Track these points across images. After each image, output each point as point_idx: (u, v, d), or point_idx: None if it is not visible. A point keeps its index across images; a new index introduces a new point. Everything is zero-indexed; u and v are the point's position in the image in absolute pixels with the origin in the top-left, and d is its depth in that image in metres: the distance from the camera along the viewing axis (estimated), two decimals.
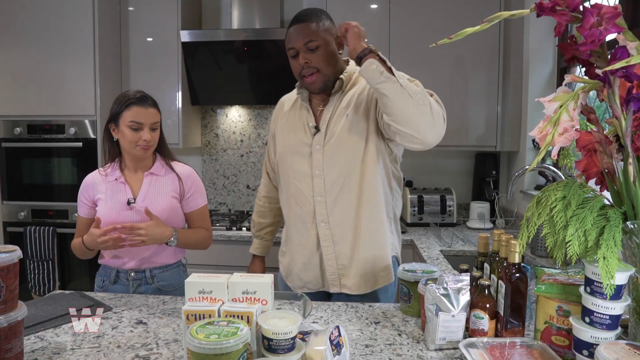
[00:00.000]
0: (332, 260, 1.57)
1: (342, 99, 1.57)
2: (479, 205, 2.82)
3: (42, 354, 1.09)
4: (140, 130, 1.58)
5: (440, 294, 1.10)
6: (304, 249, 1.61)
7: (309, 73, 1.51)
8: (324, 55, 1.50)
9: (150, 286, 1.65)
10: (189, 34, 2.87)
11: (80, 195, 1.68)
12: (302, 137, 1.59)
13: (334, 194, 1.54)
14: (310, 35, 1.48)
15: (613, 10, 0.86)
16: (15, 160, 2.89)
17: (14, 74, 2.84)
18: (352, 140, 1.53)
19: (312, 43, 1.48)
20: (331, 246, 1.56)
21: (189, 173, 1.72)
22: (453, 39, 0.98)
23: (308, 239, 1.59)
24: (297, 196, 1.59)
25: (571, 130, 0.92)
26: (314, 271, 1.60)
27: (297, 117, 1.63)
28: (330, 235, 1.56)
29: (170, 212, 1.64)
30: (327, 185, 1.55)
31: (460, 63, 2.77)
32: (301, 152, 1.58)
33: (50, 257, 2.79)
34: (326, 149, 1.55)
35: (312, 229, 1.58)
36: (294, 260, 1.64)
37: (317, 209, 1.56)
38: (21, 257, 0.99)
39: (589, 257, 0.92)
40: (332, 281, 1.59)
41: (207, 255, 2.73)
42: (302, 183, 1.58)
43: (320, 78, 1.52)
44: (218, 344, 0.82)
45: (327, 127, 1.56)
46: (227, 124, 3.34)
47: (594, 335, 0.91)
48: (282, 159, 1.65)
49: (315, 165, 1.55)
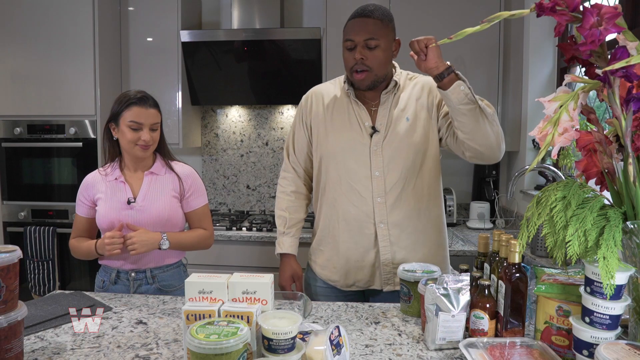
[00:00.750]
0: (389, 260, 1.58)
1: (396, 100, 1.57)
2: (479, 205, 2.82)
3: (42, 354, 1.09)
4: (140, 131, 1.58)
5: (440, 294, 1.10)
6: (357, 247, 1.59)
7: (361, 69, 1.49)
8: (381, 57, 1.49)
9: (151, 286, 1.65)
10: (189, 34, 2.87)
11: (80, 195, 1.68)
12: (358, 136, 1.57)
13: (394, 196, 1.55)
14: (373, 33, 1.46)
15: (613, 10, 0.86)
16: (15, 160, 2.89)
17: (14, 74, 2.84)
18: (413, 143, 1.54)
19: (372, 41, 1.46)
20: (389, 246, 1.57)
21: (189, 173, 1.73)
22: (453, 39, 0.99)
23: (362, 238, 1.58)
24: (352, 195, 1.58)
25: (571, 130, 0.92)
26: (367, 269, 1.60)
27: (347, 114, 1.60)
28: (388, 236, 1.57)
29: (170, 212, 1.65)
30: (388, 187, 1.55)
31: (460, 63, 2.77)
32: (358, 151, 1.57)
33: (50, 257, 2.79)
34: (385, 151, 1.55)
35: (368, 228, 1.57)
36: (347, 259, 1.61)
37: (377, 210, 1.56)
38: (21, 257, 0.99)
39: (589, 257, 0.92)
40: (386, 280, 1.59)
41: (207, 255, 2.73)
42: (359, 183, 1.57)
43: (370, 77, 1.50)
44: (218, 344, 0.82)
45: (387, 128, 1.56)
46: (227, 124, 3.34)
47: (594, 335, 0.91)
48: (332, 156, 1.60)
49: (375, 167, 1.55)
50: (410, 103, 1.57)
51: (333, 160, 1.60)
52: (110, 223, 1.61)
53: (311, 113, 1.67)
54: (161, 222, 1.63)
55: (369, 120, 1.57)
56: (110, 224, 1.61)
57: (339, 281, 1.65)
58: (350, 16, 1.53)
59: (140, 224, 1.60)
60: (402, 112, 1.56)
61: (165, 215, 1.63)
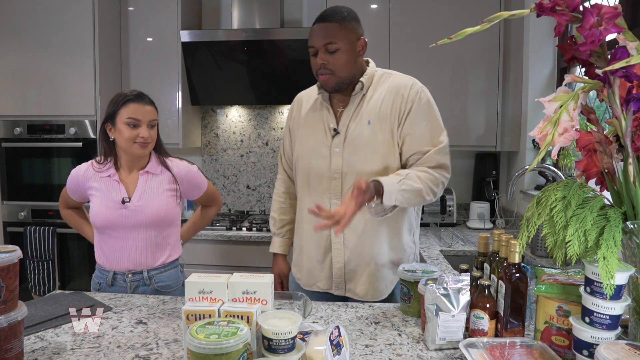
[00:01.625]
0: (341, 264, 1.57)
1: (362, 102, 1.55)
2: (479, 205, 2.82)
3: (42, 354, 1.09)
4: (138, 127, 1.57)
5: (440, 294, 1.09)
6: (317, 248, 1.60)
7: (323, 73, 1.50)
8: (342, 59, 1.48)
9: (148, 287, 1.64)
10: (189, 34, 2.87)
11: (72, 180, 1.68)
12: (322, 138, 1.58)
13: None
14: (331, 37, 1.46)
15: (613, 10, 0.86)
16: (15, 160, 2.89)
17: (14, 74, 2.85)
18: (372, 147, 1.52)
19: (331, 45, 1.46)
20: (342, 249, 1.56)
21: (185, 173, 1.71)
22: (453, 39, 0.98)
23: (321, 239, 1.59)
24: (313, 196, 1.58)
25: (571, 130, 0.92)
26: (325, 271, 1.60)
27: (317, 117, 1.61)
28: (342, 240, 1.56)
29: (166, 211, 1.64)
30: (345, 189, 1.53)
31: (460, 63, 2.77)
32: (320, 153, 1.57)
33: (50, 257, 2.79)
34: (345, 153, 1.54)
35: (325, 230, 1.56)
36: (308, 258, 1.63)
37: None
38: (21, 257, 0.99)
39: (589, 257, 0.92)
40: (337, 284, 1.58)
41: (207, 255, 2.74)
42: (319, 185, 1.57)
43: (333, 79, 1.50)
44: (218, 344, 0.82)
45: (346, 130, 1.54)
46: (227, 124, 3.34)
47: (594, 335, 0.91)
48: (301, 158, 1.63)
49: (335, 168, 1.54)
50: (376, 105, 1.53)
51: (301, 162, 1.63)
52: (105, 221, 1.60)
53: (292, 117, 1.72)
54: (156, 221, 1.62)
55: (334, 122, 1.57)
56: (105, 223, 1.60)
57: (302, 279, 1.66)
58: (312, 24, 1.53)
59: (136, 224, 1.60)
60: (366, 114, 1.53)
61: (161, 215, 1.62)
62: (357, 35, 1.51)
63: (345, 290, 1.58)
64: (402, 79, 1.57)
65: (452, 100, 2.78)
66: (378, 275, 1.56)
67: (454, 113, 2.78)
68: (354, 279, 1.57)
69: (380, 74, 1.59)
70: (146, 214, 1.60)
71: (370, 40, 1.52)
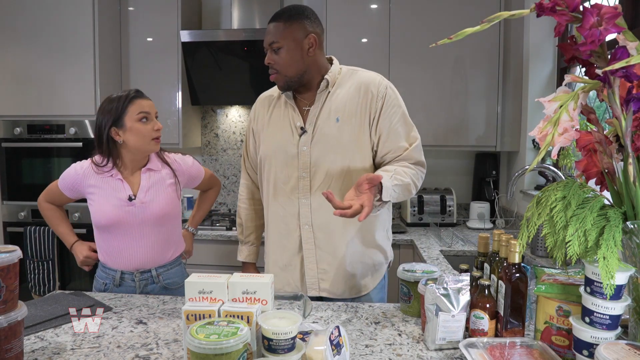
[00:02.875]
0: (313, 264, 1.55)
1: (328, 99, 1.53)
2: (479, 205, 2.82)
3: (42, 354, 1.09)
4: (151, 121, 1.59)
5: (440, 294, 1.09)
6: (284, 251, 1.58)
7: (272, 73, 1.51)
8: (286, 58, 1.48)
9: (157, 285, 1.66)
10: (189, 34, 2.87)
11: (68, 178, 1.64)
12: (289, 137, 1.55)
13: (319, 197, 1.50)
14: (275, 36, 1.47)
15: (613, 10, 0.86)
16: (15, 160, 2.89)
17: (14, 74, 2.85)
18: (341, 144, 1.50)
19: (275, 44, 1.47)
20: (313, 249, 1.54)
21: (184, 166, 1.74)
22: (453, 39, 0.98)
23: (290, 241, 1.57)
24: (280, 197, 1.56)
25: (571, 130, 0.92)
26: (294, 274, 1.58)
27: (282, 116, 1.59)
28: (313, 239, 1.54)
29: (170, 207, 1.66)
30: (313, 188, 1.52)
31: (460, 63, 2.77)
32: (287, 153, 1.54)
33: (50, 257, 2.79)
34: (313, 151, 1.52)
35: (294, 230, 1.55)
36: (274, 262, 1.61)
37: (302, 212, 1.53)
38: (21, 257, 0.99)
39: (589, 257, 0.92)
40: (311, 285, 1.56)
41: (207, 255, 2.74)
42: (287, 184, 1.55)
43: (280, 78, 1.51)
44: (218, 344, 0.82)
45: (314, 128, 1.52)
46: (227, 124, 3.34)
47: (594, 335, 0.91)
48: (266, 158, 1.60)
49: (302, 167, 1.52)
50: (343, 102, 1.52)
51: (267, 162, 1.60)
52: (110, 220, 1.59)
53: (256, 119, 1.67)
54: (162, 217, 1.63)
55: (301, 120, 1.55)
56: (110, 221, 1.59)
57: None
58: None
59: (143, 220, 1.60)
60: (333, 112, 1.52)
61: (166, 210, 1.64)
62: (305, 32, 1.48)
63: (319, 289, 1.56)
64: (368, 74, 1.56)
65: (452, 100, 2.78)
66: (354, 272, 1.55)
67: (454, 113, 2.78)
68: (327, 279, 1.55)
69: (345, 71, 1.58)
70: (153, 210, 1.61)
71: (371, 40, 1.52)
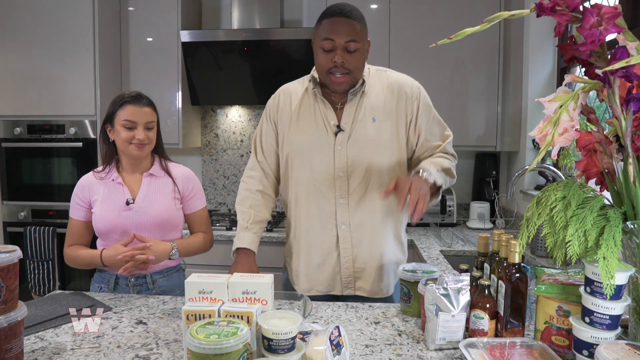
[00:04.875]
0: (349, 263, 1.56)
1: (362, 98, 1.53)
2: (479, 205, 2.82)
3: (42, 354, 1.09)
4: (134, 129, 1.56)
5: (440, 294, 1.09)
6: (319, 250, 1.57)
7: (342, 73, 1.44)
8: (360, 60, 1.45)
9: (151, 291, 1.64)
10: (189, 34, 2.87)
11: (75, 197, 1.63)
12: (323, 135, 1.53)
13: (357, 197, 1.52)
14: (355, 35, 1.41)
15: (613, 10, 0.86)
16: (15, 160, 2.89)
17: (14, 74, 2.84)
18: (379, 144, 1.51)
19: (353, 44, 1.41)
20: (350, 248, 1.55)
21: (189, 175, 1.72)
22: (453, 39, 0.98)
23: (324, 240, 1.56)
24: (314, 196, 1.54)
25: (571, 130, 0.92)
26: (327, 273, 1.58)
27: (312, 112, 1.55)
28: (350, 238, 1.54)
29: (169, 213, 1.64)
30: (351, 188, 1.52)
31: (460, 63, 2.77)
32: (322, 151, 1.52)
33: (50, 257, 2.79)
34: (350, 151, 1.51)
35: (330, 229, 1.55)
36: (306, 261, 1.59)
37: (339, 211, 1.53)
38: (21, 257, 0.99)
39: (589, 257, 0.92)
40: (347, 283, 1.58)
41: (207, 255, 2.71)
42: (323, 183, 1.53)
43: (349, 80, 1.46)
44: (218, 344, 0.82)
45: (351, 128, 1.52)
46: (227, 124, 3.34)
47: (594, 335, 0.91)
48: (296, 156, 1.56)
49: (339, 167, 1.52)
50: (378, 103, 1.52)
51: (298, 159, 1.56)
52: (109, 224, 1.58)
53: (278, 111, 1.60)
54: (160, 223, 1.62)
55: (335, 119, 1.53)
56: (109, 226, 1.58)
57: (299, 284, 1.62)
58: (325, 13, 1.45)
59: (140, 225, 1.59)
60: (369, 111, 1.52)
61: (164, 217, 1.62)
62: (367, 35, 1.49)
63: (355, 289, 1.58)
64: (398, 75, 1.58)
65: (452, 100, 2.78)
66: (387, 270, 1.58)
67: (454, 113, 2.77)
68: (363, 277, 1.57)
69: (374, 71, 1.58)
70: (149, 215, 1.60)
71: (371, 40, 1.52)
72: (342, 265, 1.56)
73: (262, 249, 2.65)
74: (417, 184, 1.33)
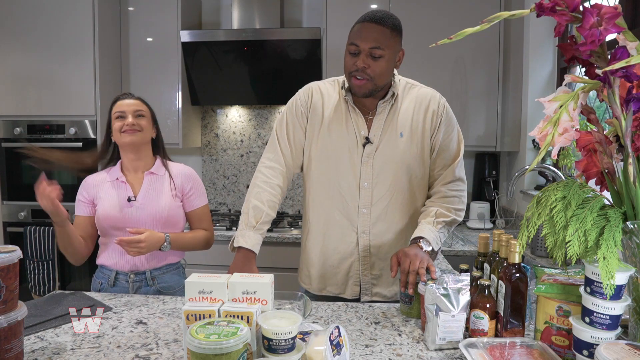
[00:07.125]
0: (367, 270, 1.57)
1: (392, 111, 1.53)
2: (479, 205, 2.82)
3: (42, 354, 1.09)
4: (125, 118, 1.62)
5: (440, 294, 1.09)
6: (336, 254, 1.58)
7: (361, 77, 1.43)
8: (384, 67, 1.43)
9: (151, 288, 1.65)
10: (189, 34, 2.87)
11: (79, 195, 1.69)
12: (352, 144, 1.53)
13: (379, 209, 1.53)
14: (380, 42, 1.39)
15: (613, 10, 0.86)
16: (15, 160, 2.89)
17: (14, 74, 2.84)
18: (404, 159, 1.52)
19: (377, 50, 1.40)
20: (368, 256, 1.56)
21: (188, 173, 1.74)
22: (453, 39, 0.98)
23: (343, 245, 1.57)
24: (338, 202, 1.55)
25: (571, 130, 0.92)
26: (343, 276, 1.59)
27: (344, 119, 1.54)
28: (369, 247, 1.55)
29: (170, 211, 1.66)
30: (375, 199, 1.53)
31: (460, 63, 2.77)
32: (349, 159, 1.53)
33: (50, 257, 2.79)
34: (376, 162, 1.52)
35: (350, 236, 1.56)
36: (323, 262, 1.60)
37: (360, 220, 1.54)
38: (21, 257, 0.99)
39: (589, 257, 0.92)
40: (365, 290, 1.59)
41: (207, 255, 2.73)
42: (347, 192, 1.53)
43: (369, 86, 1.44)
44: (218, 344, 0.82)
45: (379, 141, 1.52)
46: (227, 124, 3.34)
47: (594, 335, 0.91)
48: (324, 159, 1.55)
49: (365, 177, 1.52)
50: (407, 118, 1.53)
51: (324, 163, 1.55)
52: (111, 221, 1.62)
53: (311, 107, 1.57)
54: (161, 220, 1.64)
55: (365, 128, 1.53)
56: (111, 222, 1.62)
57: (312, 285, 1.63)
58: (359, 18, 1.46)
59: (141, 222, 1.61)
60: (398, 125, 1.52)
61: (165, 214, 1.64)
62: (400, 46, 1.47)
63: (372, 294, 1.59)
64: (426, 90, 1.57)
65: (452, 100, 2.77)
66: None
67: (454, 113, 2.77)
68: (380, 283, 1.58)
69: (404, 84, 1.57)
70: (150, 213, 1.63)
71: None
72: (360, 273, 1.58)
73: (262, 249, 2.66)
74: (411, 258, 1.31)
